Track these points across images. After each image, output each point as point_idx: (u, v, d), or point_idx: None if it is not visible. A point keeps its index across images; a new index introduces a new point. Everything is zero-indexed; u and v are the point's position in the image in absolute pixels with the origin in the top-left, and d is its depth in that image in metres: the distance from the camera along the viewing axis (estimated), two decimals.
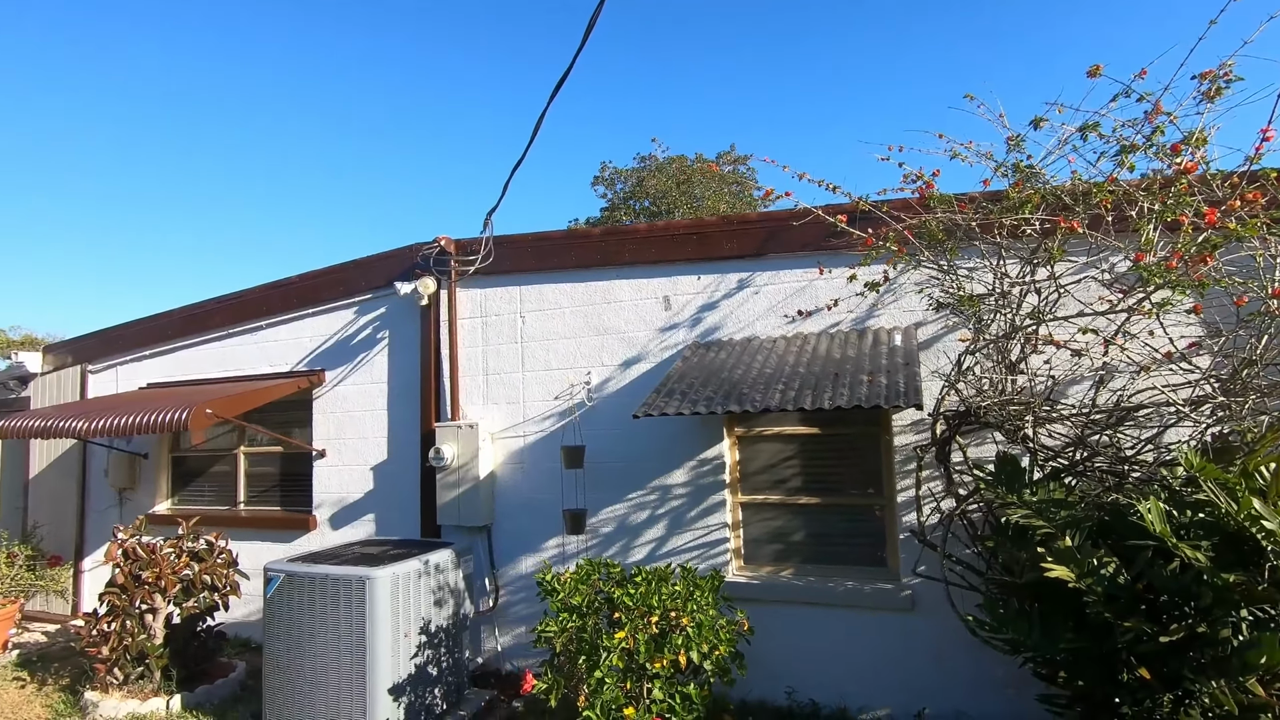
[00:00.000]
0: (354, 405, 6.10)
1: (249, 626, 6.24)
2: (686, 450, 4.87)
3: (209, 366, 6.93)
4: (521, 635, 5.26)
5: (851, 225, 4.20)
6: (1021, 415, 3.25)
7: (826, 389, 3.66)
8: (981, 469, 3.66)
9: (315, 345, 6.36)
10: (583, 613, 3.63)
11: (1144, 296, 2.66)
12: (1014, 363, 3.37)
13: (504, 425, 5.49)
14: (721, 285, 4.93)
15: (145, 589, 4.97)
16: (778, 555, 4.73)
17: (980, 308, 3.06)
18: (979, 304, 3.04)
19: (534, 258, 5.48)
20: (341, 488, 6.07)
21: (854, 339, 4.39)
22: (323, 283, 6.35)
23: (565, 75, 4.33)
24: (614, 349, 5.19)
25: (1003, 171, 3.23)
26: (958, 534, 3.99)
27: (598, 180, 25.61)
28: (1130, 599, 2.73)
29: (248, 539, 6.29)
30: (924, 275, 4.25)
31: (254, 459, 6.75)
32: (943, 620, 4.13)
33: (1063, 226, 2.72)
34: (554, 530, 5.22)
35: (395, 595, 4.14)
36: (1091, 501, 3.27)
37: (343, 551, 4.78)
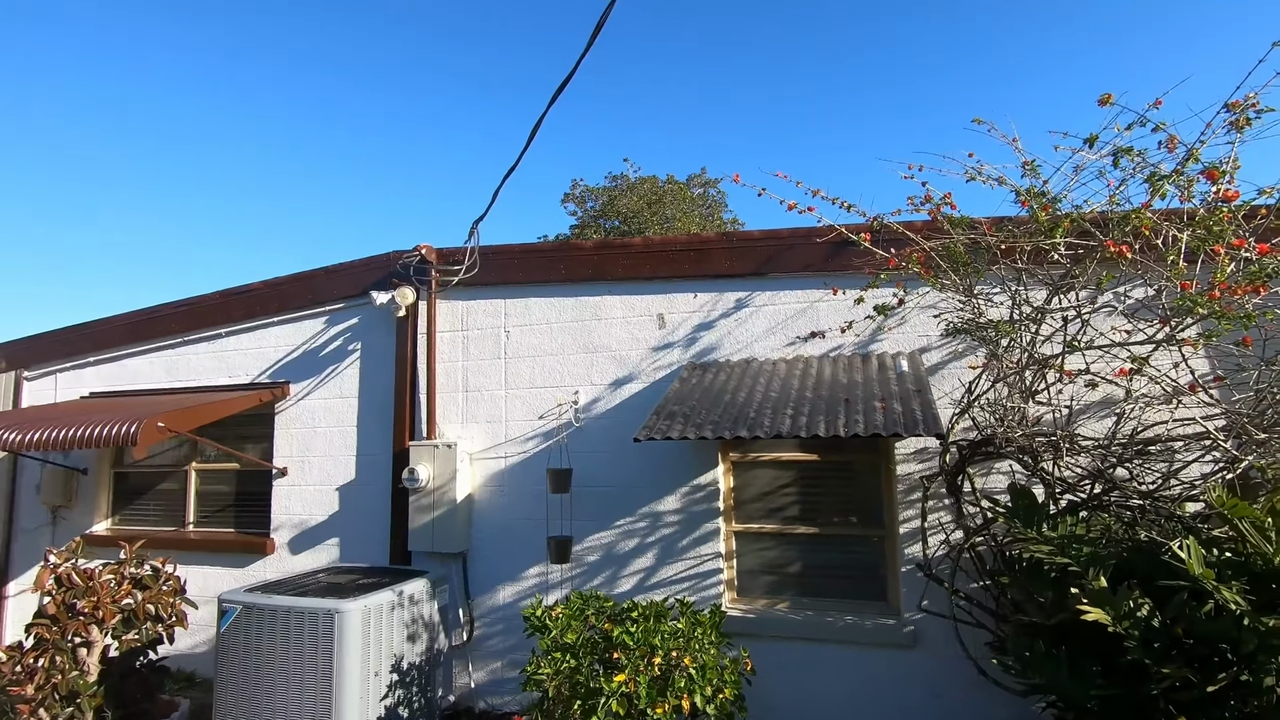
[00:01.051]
0: (320, 421, 5.71)
1: (194, 659, 5.75)
2: (679, 476, 4.65)
3: (160, 376, 6.44)
4: (497, 671, 4.93)
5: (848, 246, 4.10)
6: (1043, 446, 3.13)
7: (839, 415, 3.50)
8: (996, 501, 3.54)
9: (280, 356, 5.97)
10: (576, 652, 3.36)
11: (1185, 326, 2.57)
12: (1033, 391, 3.26)
13: (484, 445, 5.19)
14: (719, 304, 4.76)
15: (80, 620, 4.48)
16: (772, 587, 4.52)
17: (1012, 332, 2.94)
18: (1012, 329, 2.92)
19: (521, 270, 5.24)
20: (303, 509, 5.66)
21: (858, 363, 4.25)
22: (290, 290, 5.98)
23: (566, 81, 4.12)
24: (604, 368, 4.96)
25: (1024, 196, 3.14)
26: (965, 568, 3.86)
27: (568, 197, 25.46)
28: (1167, 644, 2.60)
29: (197, 563, 5.82)
30: (933, 299, 4.16)
31: (206, 476, 6.27)
32: (945, 658, 3.98)
33: (1113, 250, 2.62)
34: (535, 558, 4.92)
35: (366, 630, 3.79)
36: (1112, 538, 3.16)
37: (306, 580, 4.40)
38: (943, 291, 3.34)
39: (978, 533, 3.66)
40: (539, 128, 4.42)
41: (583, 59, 4.01)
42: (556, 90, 4.15)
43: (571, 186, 25.20)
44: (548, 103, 4.21)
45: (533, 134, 4.42)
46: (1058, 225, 2.85)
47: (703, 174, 25.60)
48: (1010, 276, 3.30)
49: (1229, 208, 2.56)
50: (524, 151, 4.58)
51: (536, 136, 4.46)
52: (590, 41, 3.90)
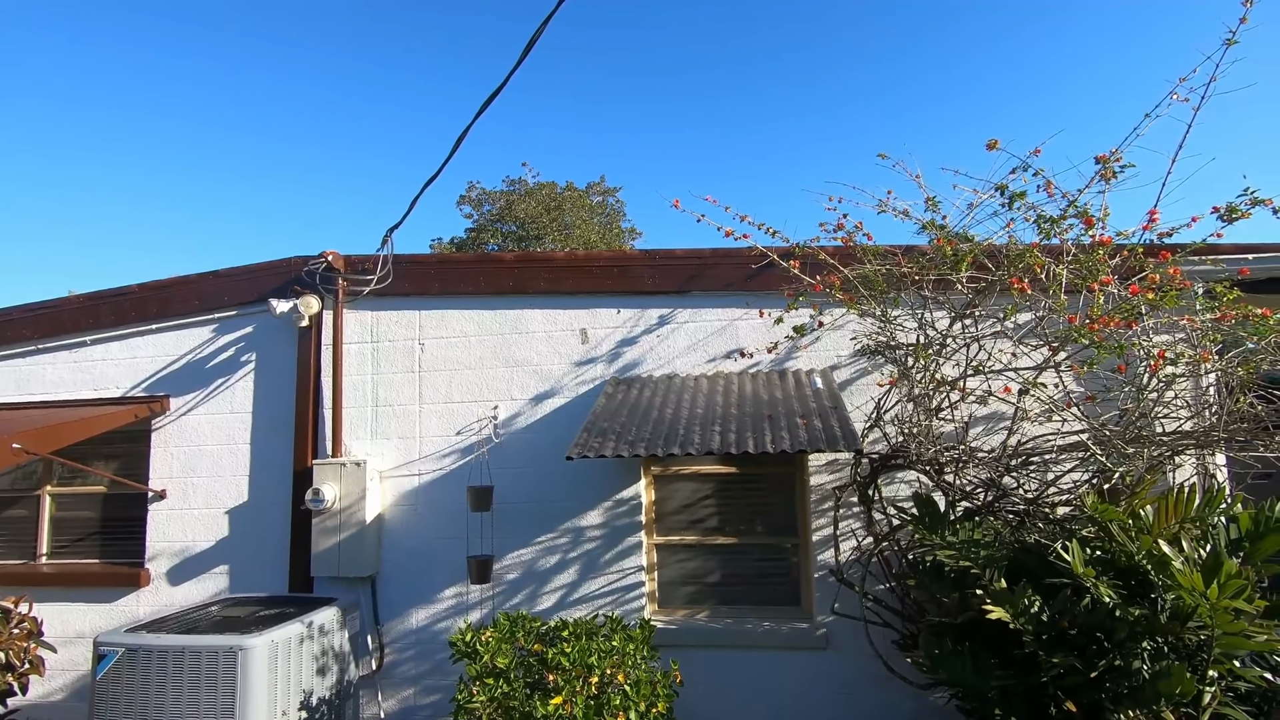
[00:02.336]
0: (207, 438, 5.25)
1: (48, 708, 5.10)
2: (602, 491, 4.67)
3: (5, 389, 5.67)
4: (409, 698, 4.72)
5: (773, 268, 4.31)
6: (947, 458, 3.43)
7: (765, 431, 3.66)
8: (903, 509, 3.83)
9: (158, 367, 5.43)
10: (509, 676, 3.29)
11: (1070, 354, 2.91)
12: (936, 409, 3.56)
13: (396, 463, 4.97)
14: (642, 320, 4.83)
15: None
16: (692, 597, 4.63)
17: (926, 355, 3.21)
18: (926, 352, 3.19)
19: (438, 280, 5.07)
20: (186, 535, 5.17)
21: (775, 380, 4.46)
22: (173, 294, 5.46)
23: (494, 94, 4.05)
24: (525, 382, 4.89)
25: (932, 231, 3.44)
26: (873, 572, 4.13)
27: (464, 200, 24.78)
28: (1056, 636, 2.93)
29: (53, 599, 5.16)
30: (843, 320, 4.44)
31: (64, 501, 5.57)
32: (854, 657, 4.24)
33: (1015, 285, 2.93)
34: (451, 578, 4.77)
35: (274, 666, 3.53)
36: (1001, 541, 3.51)
37: (197, 615, 4.04)
38: (862, 316, 3.59)
39: (886, 538, 3.94)
40: (464, 139, 4.32)
41: (513, 73, 3.97)
42: (485, 102, 4.07)
43: (468, 189, 24.55)
44: (475, 114, 4.12)
45: (457, 144, 4.31)
46: (962, 259, 3.15)
47: (602, 182, 25.74)
48: (917, 303, 3.60)
49: (1103, 251, 2.93)
50: (445, 162, 4.45)
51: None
52: (522, 56, 3.87)
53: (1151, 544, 2.94)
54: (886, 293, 3.45)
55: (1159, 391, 3.19)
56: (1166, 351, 2.99)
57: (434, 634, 4.73)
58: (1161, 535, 3.11)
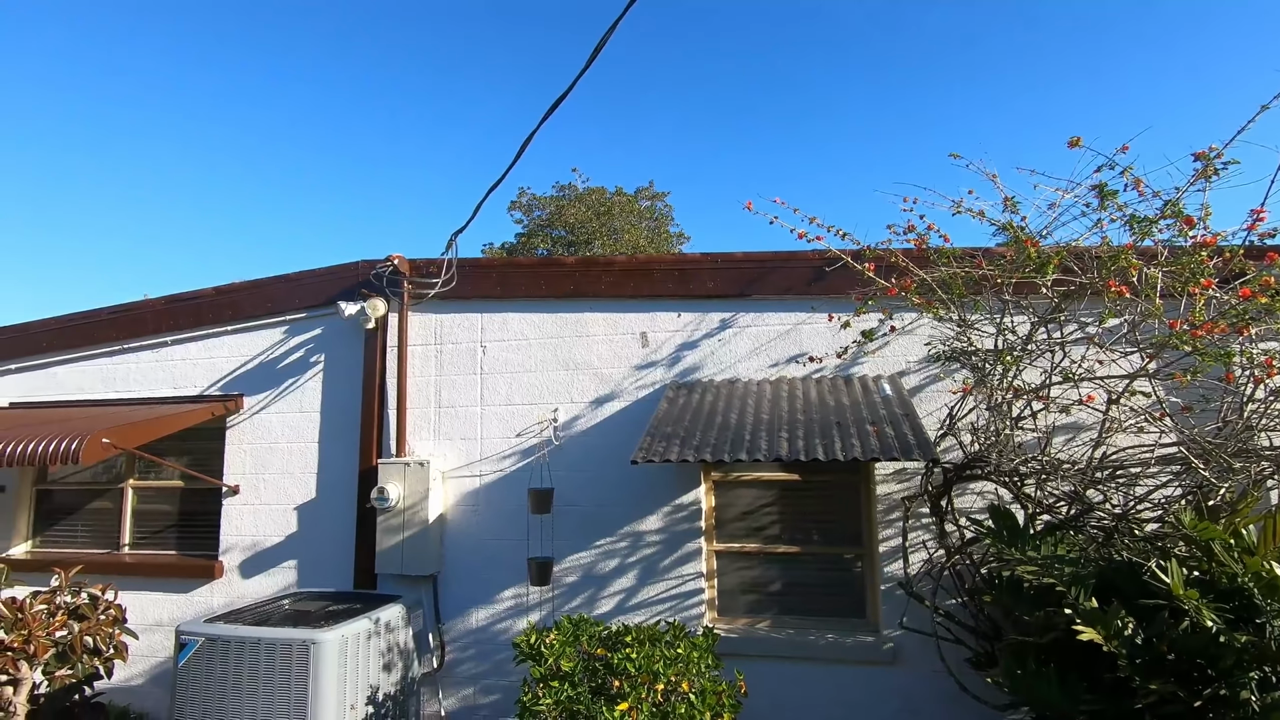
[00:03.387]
0: (278, 436, 5.42)
1: (129, 692, 5.32)
2: (661, 496, 4.63)
3: (93, 386, 5.98)
4: (469, 697, 4.77)
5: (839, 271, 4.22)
6: (1028, 469, 3.28)
7: (834, 438, 3.57)
8: (978, 521, 3.68)
9: (233, 367, 5.64)
10: (573, 680, 3.28)
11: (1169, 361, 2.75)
12: (1016, 417, 3.41)
13: (458, 463, 5.04)
14: (703, 324, 4.79)
15: (8, 656, 4.08)
16: (752, 606, 4.55)
17: (1013, 363, 3.08)
18: (1012, 359, 3.06)
19: (500, 284, 5.13)
20: (257, 530, 5.35)
21: (841, 386, 4.36)
22: (247, 298, 5.67)
23: (559, 100, 4.08)
24: (585, 385, 4.90)
25: (1013, 232, 3.30)
26: (944, 586, 3.99)
27: (515, 205, 25.16)
28: (1153, 661, 2.76)
29: (134, 588, 5.39)
30: (913, 325, 4.31)
31: (145, 494, 5.84)
32: (923, 673, 4.10)
33: (1113, 289, 2.78)
34: (511, 579, 4.80)
35: (343, 661, 3.61)
36: (1087, 557, 3.33)
37: (270, 608, 4.16)
38: (940, 320, 3.47)
39: (959, 551, 3.79)
40: (528, 144, 4.37)
41: (577, 80, 3.99)
42: (549, 109, 4.11)
43: (519, 195, 24.90)
44: (539, 120, 4.17)
45: (521, 149, 4.36)
46: (1048, 261, 3.01)
47: (651, 186, 25.80)
48: (996, 308, 3.46)
49: (1205, 252, 2.76)
50: (510, 167, 4.51)
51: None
52: (589, 62, 3.89)
53: (1260, 565, 2.75)
54: (965, 296, 3.32)
55: (1264, 403, 2.99)
56: (1274, 359, 2.80)
57: (493, 634, 4.77)
58: (1268, 556, 2.92)
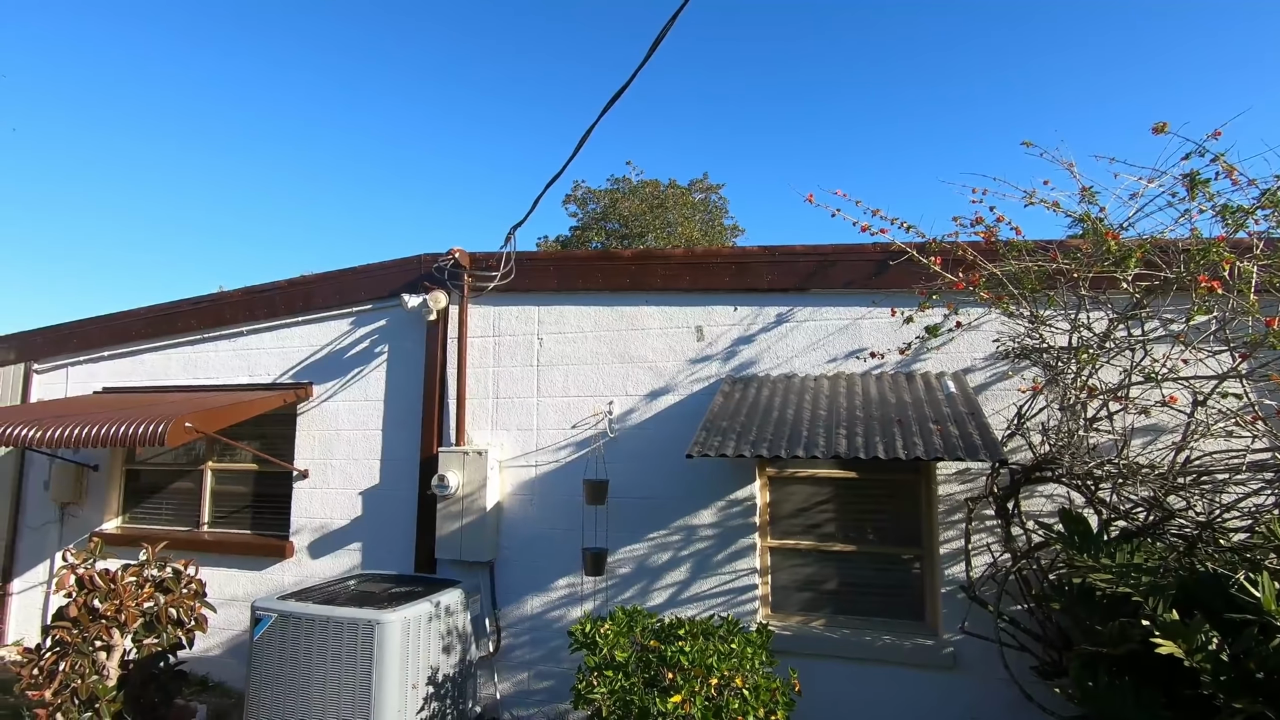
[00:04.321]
0: (344, 424, 5.64)
1: (207, 662, 5.64)
2: (715, 490, 4.62)
3: (177, 372, 6.34)
4: (523, 683, 4.87)
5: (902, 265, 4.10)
6: (1103, 473, 3.13)
7: (895, 436, 3.48)
8: (1047, 525, 3.54)
9: (303, 356, 5.88)
10: (627, 670, 3.32)
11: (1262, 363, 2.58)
12: (1092, 419, 3.26)
13: (514, 453, 5.13)
14: (759, 318, 4.74)
15: (102, 623, 4.38)
16: (807, 604, 4.50)
17: (1091, 361, 2.94)
18: (1090, 357, 2.92)
19: (556, 277, 5.20)
20: (324, 513, 5.58)
21: (902, 382, 4.25)
22: (316, 290, 5.90)
23: (620, 92, 4.09)
24: (639, 378, 4.92)
25: (1090, 223, 3.14)
26: (1009, 592, 3.85)
27: (569, 199, 25.39)
28: (1239, 678, 2.60)
29: (211, 564, 5.71)
30: (979, 321, 4.16)
31: (223, 476, 6.17)
32: (984, 680, 3.98)
33: (1204, 284, 2.63)
34: (565, 568, 4.87)
35: (406, 642, 3.73)
36: (1168, 567, 3.16)
37: (336, 588, 4.33)
38: (1010, 316, 3.33)
39: (1026, 556, 3.65)
40: (587, 138, 4.40)
41: (637, 72, 3.99)
42: (609, 101, 4.12)
43: (573, 188, 25.11)
44: (600, 112, 4.18)
45: (581, 142, 4.39)
46: (1130, 254, 2.85)
47: (705, 179, 25.63)
48: (1071, 303, 3.30)
49: None
50: (570, 160, 4.56)
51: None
52: (648, 55, 3.88)
53: None
54: (1038, 291, 3.18)
55: None
56: None
57: (547, 622, 4.86)
58: None
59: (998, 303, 3.24)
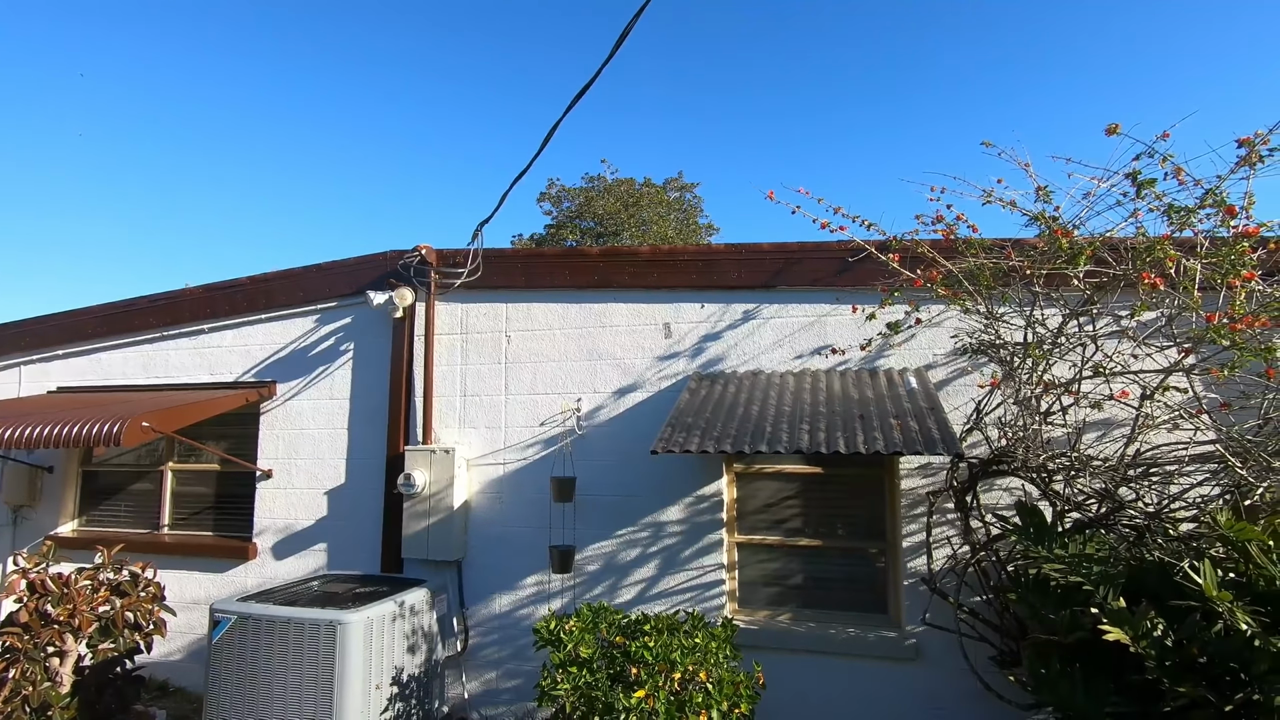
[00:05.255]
0: (309, 422, 5.55)
1: (166, 667, 5.53)
2: (683, 486, 4.64)
3: (134, 372, 6.19)
4: (492, 681, 4.85)
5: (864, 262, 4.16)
6: (1056, 465, 3.21)
7: (856, 431, 3.53)
8: (1004, 518, 3.61)
9: (266, 354, 5.78)
10: (591, 666, 3.32)
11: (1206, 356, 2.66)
12: (1045, 412, 3.34)
13: (482, 451, 5.10)
14: (726, 315, 4.76)
15: (54, 629, 4.27)
16: (773, 599, 4.54)
17: (1042, 356, 3.01)
18: (1041, 352, 2.99)
19: (524, 274, 5.17)
20: (289, 513, 5.49)
21: (866, 379, 4.30)
22: (278, 286, 5.80)
23: (583, 91, 4.07)
24: (608, 375, 4.92)
25: (1044, 222, 3.22)
26: (968, 583, 3.93)
27: (544, 197, 25.28)
28: (1182, 663, 2.69)
29: (172, 567, 5.58)
30: (940, 318, 4.23)
31: (184, 477, 6.03)
32: (945, 671, 4.05)
33: (1146, 280, 2.70)
34: (533, 566, 4.86)
35: (369, 642, 3.69)
36: (1118, 557, 3.25)
37: (299, 589, 4.27)
38: (966, 313, 3.40)
39: (984, 548, 3.73)
40: (553, 134, 4.37)
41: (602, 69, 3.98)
42: (575, 96, 4.11)
43: (548, 186, 25.01)
44: (566, 107, 4.17)
45: (546, 140, 4.36)
46: (1080, 252, 2.93)
47: (680, 177, 25.73)
48: (1026, 300, 3.38)
49: (1247, 243, 2.66)
50: (535, 157, 4.52)
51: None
52: (612, 52, 3.87)
53: None
54: (993, 288, 3.25)
55: None
56: None
57: (516, 620, 4.84)
58: None
59: (955, 299, 3.30)
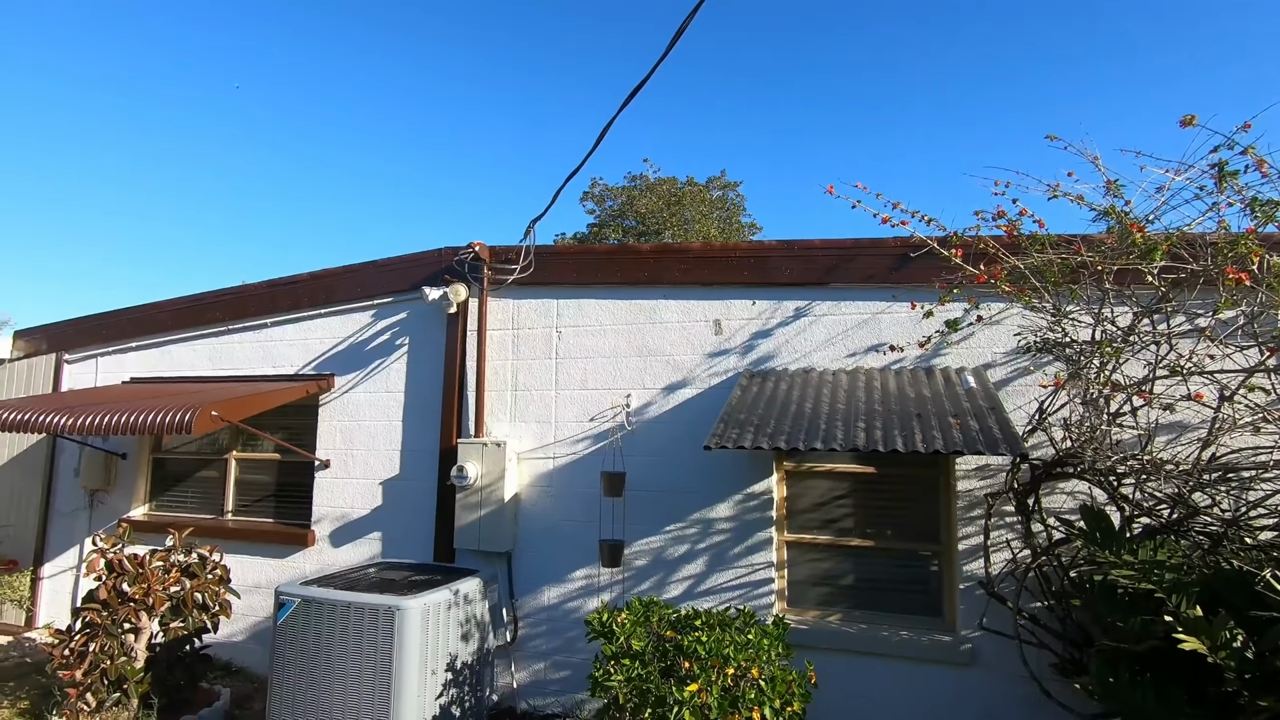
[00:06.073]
0: (365, 415, 5.71)
1: (230, 648, 5.75)
2: (732, 484, 4.63)
3: (202, 364, 6.46)
4: (540, 672, 4.91)
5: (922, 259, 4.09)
6: (1126, 469, 3.10)
7: (914, 430, 3.47)
8: (1068, 522, 3.51)
9: (325, 348, 5.97)
10: (644, 659, 3.34)
11: None
12: (1115, 413, 3.23)
13: (532, 445, 5.18)
14: (778, 313, 4.73)
15: (131, 606, 4.49)
16: (824, 599, 4.50)
17: (1114, 355, 2.92)
18: (1113, 350, 2.90)
19: (575, 271, 5.23)
20: (346, 502, 5.66)
21: (922, 377, 4.23)
22: (338, 283, 5.98)
23: (639, 87, 4.11)
24: (657, 372, 4.94)
25: (1115, 217, 3.11)
26: (1028, 588, 3.82)
27: (587, 196, 25.43)
28: (1264, 676, 2.57)
29: (235, 552, 5.80)
30: (1000, 316, 4.13)
31: (247, 465, 6.28)
32: (1002, 677, 3.96)
33: (1231, 276, 2.60)
34: (582, 560, 4.91)
35: (425, 628, 3.79)
36: (1191, 564, 3.13)
37: (357, 575, 4.40)
38: (1032, 310, 3.31)
39: (1046, 553, 3.63)
40: (606, 133, 4.43)
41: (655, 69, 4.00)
42: (630, 93, 4.14)
43: (590, 185, 25.15)
44: (621, 104, 4.20)
45: (602, 135, 4.42)
46: (1156, 247, 2.82)
47: (722, 176, 25.59)
48: (1095, 297, 3.27)
49: None
50: (591, 152, 4.59)
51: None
52: (668, 48, 3.89)
53: None
54: (1061, 284, 3.15)
55: None
56: None
57: (565, 612, 4.90)
58: None
59: (1020, 295, 3.21)
